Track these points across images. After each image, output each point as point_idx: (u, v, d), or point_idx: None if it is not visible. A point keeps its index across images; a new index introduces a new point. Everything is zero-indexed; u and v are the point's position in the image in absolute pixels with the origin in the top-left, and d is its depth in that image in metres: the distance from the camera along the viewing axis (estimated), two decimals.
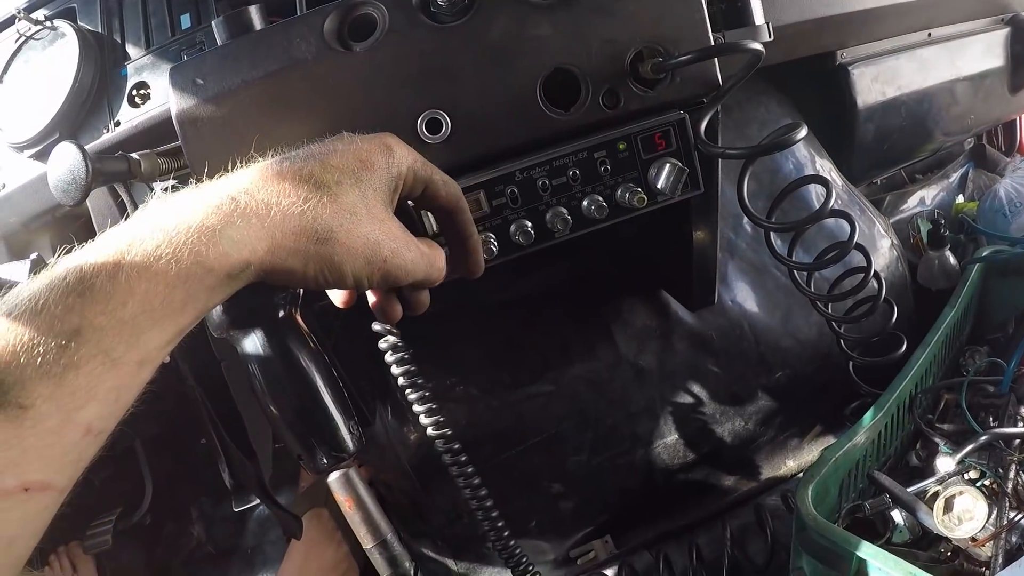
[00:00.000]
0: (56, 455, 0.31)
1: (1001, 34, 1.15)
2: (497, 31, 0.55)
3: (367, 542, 0.53)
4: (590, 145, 0.58)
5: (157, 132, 0.82)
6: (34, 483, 0.31)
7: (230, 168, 0.43)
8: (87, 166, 0.53)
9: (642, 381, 0.90)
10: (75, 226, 0.94)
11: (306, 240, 0.38)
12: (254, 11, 0.59)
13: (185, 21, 0.87)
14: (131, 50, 0.87)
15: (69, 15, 0.92)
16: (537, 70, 0.56)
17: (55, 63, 0.88)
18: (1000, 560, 0.61)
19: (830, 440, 0.97)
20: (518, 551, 0.63)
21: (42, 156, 0.85)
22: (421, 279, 0.45)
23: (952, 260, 1.07)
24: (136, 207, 0.49)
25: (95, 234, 0.85)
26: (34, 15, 0.91)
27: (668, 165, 0.59)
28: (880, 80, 1.01)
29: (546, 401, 0.88)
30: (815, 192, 0.96)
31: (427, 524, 0.90)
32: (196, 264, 0.34)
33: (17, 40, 0.92)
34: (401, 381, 0.60)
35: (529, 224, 0.57)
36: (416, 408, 0.61)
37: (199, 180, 0.54)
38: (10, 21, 0.94)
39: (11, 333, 0.30)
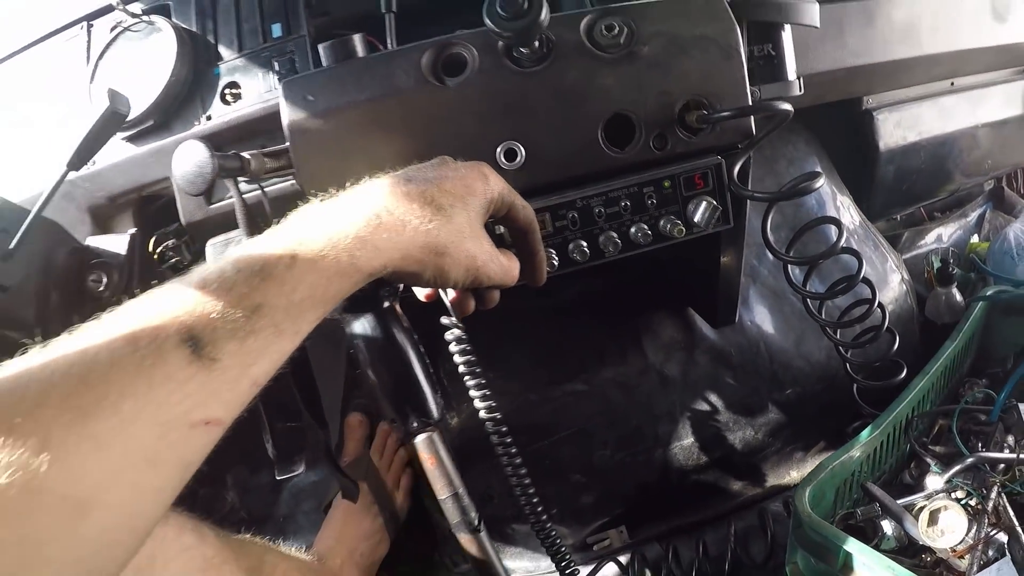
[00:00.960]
0: (230, 399, 0.42)
1: (1020, 84, 1.27)
2: (569, 78, 0.68)
3: (442, 493, 0.64)
4: (640, 181, 0.70)
5: (246, 129, 0.95)
6: (213, 419, 0.41)
7: (335, 178, 0.56)
8: (213, 162, 0.66)
9: (666, 387, 1.03)
10: (154, 207, 1.06)
11: (428, 252, 0.51)
12: (358, 39, 0.72)
13: (276, 30, 1.00)
14: (223, 51, 1.00)
15: (163, 11, 1.04)
16: (600, 114, 0.69)
17: (151, 55, 1.00)
18: (975, 570, 0.74)
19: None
20: (552, 531, 0.76)
21: (135, 140, 0.98)
22: (499, 283, 0.59)
23: (958, 297, 1.19)
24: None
25: (171, 216, 0.99)
26: (130, 7, 1.03)
27: (705, 203, 0.72)
28: (902, 125, 1.13)
29: (579, 399, 1.01)
30: (833, 228, 1.09)
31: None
32: (350, 265, 0.47)
33: (113, 29, 1.04)
34: (462, 369, 0.72)
35: (585, 244, 0.70)
36: (472, 393, 0.73)
37: (303, 184, 0.68)
38: (106, 10, 1.07)
39: (208, 302, 0.41)
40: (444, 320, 0.71)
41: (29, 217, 0.78)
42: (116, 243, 0.90)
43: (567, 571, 0.74)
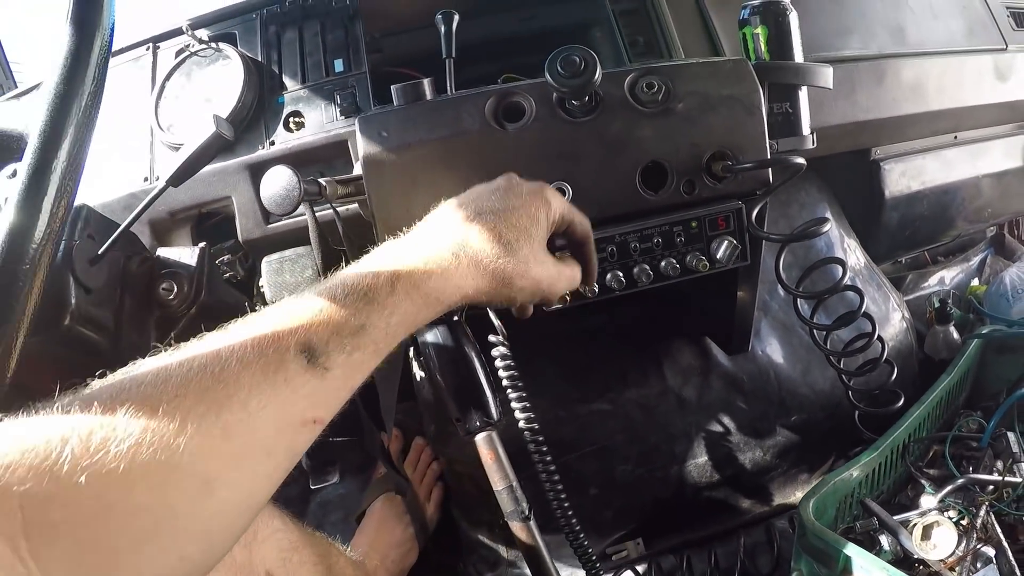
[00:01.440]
0: (333, 404, 0.50)
1: (1021, 139, 1.40)
2: (614, 129, 0.79)
3: (499, 485, 0.73)
4: (671, 221, 0.81)
5: (306, 155, 1.06)
6: (319, 419, 0.49)
7: (402, 206, 0.69)
8: (300, 188, 0.76)
9: (683, 409, 1.13)
10: (210, 223, 1.15)
11: (498, 284, 0.61)
12: (427, 84, 0.83)
13: (338, 65, 1.11)
14: (287, 81, 1.10)
15: (230, 39, 1.13)
16: (638, 161, 0.80)
17: (218, 81, 1.10)
18: None
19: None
20: (583, 538, 0.85)
21: None
22: (564, 292, 0.70)
23: (955, 335, 1.30)
24: None
25: (224, 232, 1.09)
26: (198, 32, 1.13)
27: (727, 242, 0.83)
28: (907, 175, 1.26)
29: (603, 417, 1.10)
30: (839, 268, 1.21)
31: (490, 513, 1.12)
32: (435, 298, 0.56)
33: (179, 53, 1.14)
34: (505, 383, 0.81)
35: (621, 275, 0.81)
36: (514, 405, 0.81)
37: (374, 208, 0.78)
38: (173, 33, 1.17)
39: (322, 319, 0.50)
40: (492, 338, 0.81)
41: (122, 227, 0.87)
42: (186, 255, 0.97)
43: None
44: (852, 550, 0.81)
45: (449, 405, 0.70)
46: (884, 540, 0.94)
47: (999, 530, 0.88)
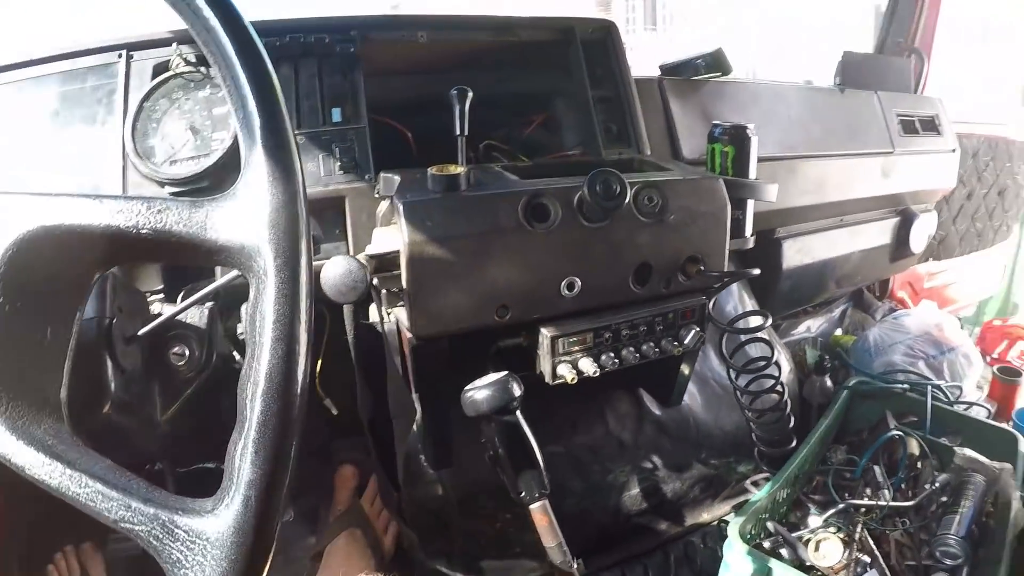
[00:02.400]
0: None
1: (892, 222, 1.78)
2: (620, 234, 0.97)
3: (551, 542, 0.90)
4: (653, 314, 1.02)
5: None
6: None
7: (441, 288, 0.83)
8: (367, 280, 0.87)
9: (622, 450, 1.35)
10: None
11: None
12: (462, 177, 0.92)
13: (336, 115, 1.09)
14: None
15: None
16: (634, 261, 0.99)
17: (208, 111, 1.03)
18: None
19: (734, 501, 1.51)
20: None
21: (182, 196, 0.94)
22: None
23: (829, 383, 1.67)
24: None
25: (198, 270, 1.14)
26: (184, 51, 1.04)
27: (694, 330, 1.07)
28: (801, 251, 1.58)
29: (557, 459, 1.30)
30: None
31: (449, 543, 1.28)
32: None
33: (158, 71, 1.04)
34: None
35: (613, 354, 1.02)
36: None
37: (410, 289, 0.90)
38: (153, 43, 1.07)
39: None
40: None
41: (175, 312, 0.89)
42: (193, 315, 0.95)
43: None
44: (774, 564, 1.10)
45: (513, 483, 0.87)
46: (784, 552, 1.24)
47: (871, 542, 1.22)
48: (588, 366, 0.99)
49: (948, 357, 1.74)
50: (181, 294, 1.02)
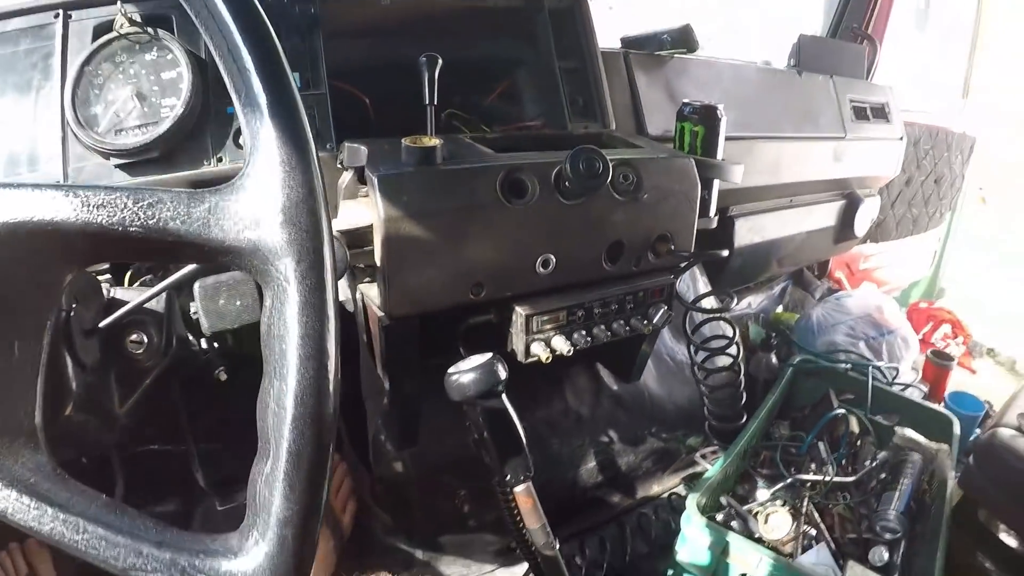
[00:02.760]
0: None
1: (838, 204, 1.86)
2: (595, 212, 0.98)
3: (535, 524, 0.90)
4: (623, 292, 1.04)
5: None
6: None
7: (417, 264, 0.82)
8: (347, 255, 0.83)
9: (580, 424, 1.38)
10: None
11: None
12: (439, 148, 0.90)
13: (295, 80, 1.10)
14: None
15: (165, 25, 0.98)
16: (607, 239, 1.00)
17: (156, 76, 0.96)
18: (799, 552, 1.24)
19: (684, 473, 1.56)
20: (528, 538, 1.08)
21: (131, 168, 0.95)
22: None
23: (775, 360, 1.75)
24: None
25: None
26: (128, 9, 0.95)
27: (662, 309, 1.10)
28: (752, 230, 1.63)
29: None
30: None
31: (410, 520, 1.29)
32: None
33: (99, 32, 0.96)
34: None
35: (585, 332, 1.03)
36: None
37: (386, 266, 0.88)
38: (90, 2, 0.98)
39: None
40: None
41: (142, 299, 0.80)
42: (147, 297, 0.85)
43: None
44: (731, 536, 1.15)
45: (497, 467, 0.88)
46: (735, 524, 1.30)
47: (816, 516, 1.30)
48: (561, 344, 1.00)
49: (887, 339, 1.85)
50: (129, 273, 0.97)
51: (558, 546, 0.94)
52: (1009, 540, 1.37)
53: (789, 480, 1.35)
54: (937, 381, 1.89)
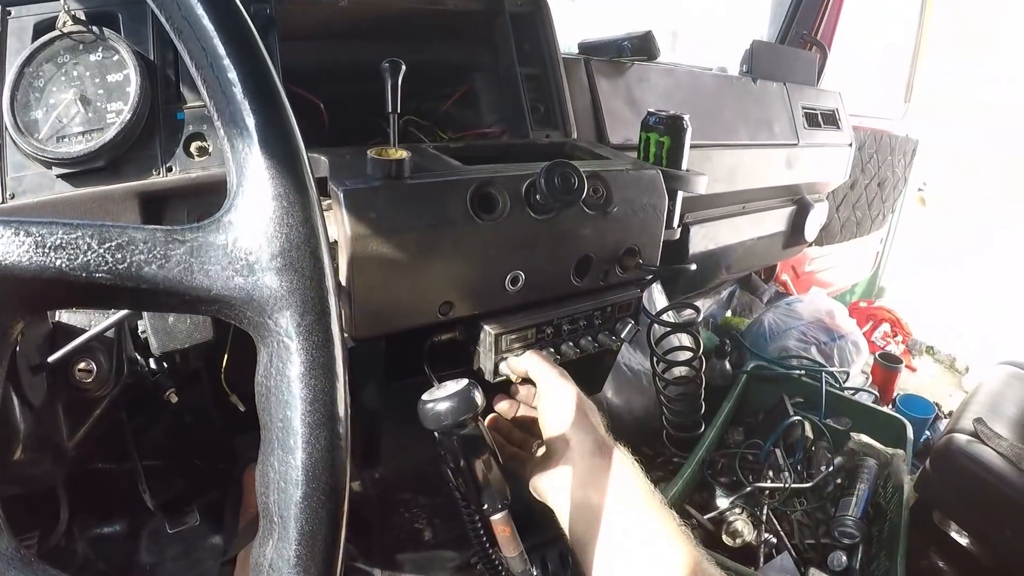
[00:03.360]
0: None
1: (788, 210, 1.92)
2: (564, 226, 0.97)
3: (512, 552, 0.89)
4: (591, 307, 1.04)
5: (211, 189, 0.95)
6: None
7: (384, 283, 0.83)
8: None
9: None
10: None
11: None
12: (407, 160, 0.88)
13: None
14: (187, 93, 0.95)
15: (110, 23, 0.93)
16: (575, 254, 1.00)
17: (100, 78, 0.91)
18: (761, 561, 1.29)
19: None
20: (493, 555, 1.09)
21: (73, 179, 0.90)
22: None
23: (728, 367, 1.81)
24: None
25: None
26: (72, 7, 0.90)
27: (630, 324, 1.12)
28: (707, 237, 1.67)
29: None
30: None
31: (368, 539, 1.27)
32: None
33: (39, 31, 0.91)
34: None
35: (553, 350, 1.04)
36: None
37: (354, 284, 0.86)
38: None
39: None
40: None
41: (97, 330, 0.76)
42: (99, 322, 0.82)
43: None
44: None
45: (473, 497, 0.87)
46: (697, 535, 1.35)
47: (776, 523, 1.35)
48: None
49: (838, 344, 1.93)
50: None
51: (536, 573, 0.94)
52: (963, 540, 1.46)
53: (748, 488, 1.40)
54: (886, 383, 1.99)
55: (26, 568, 0.38)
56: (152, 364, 0.94)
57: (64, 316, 0.84)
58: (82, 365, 0.80)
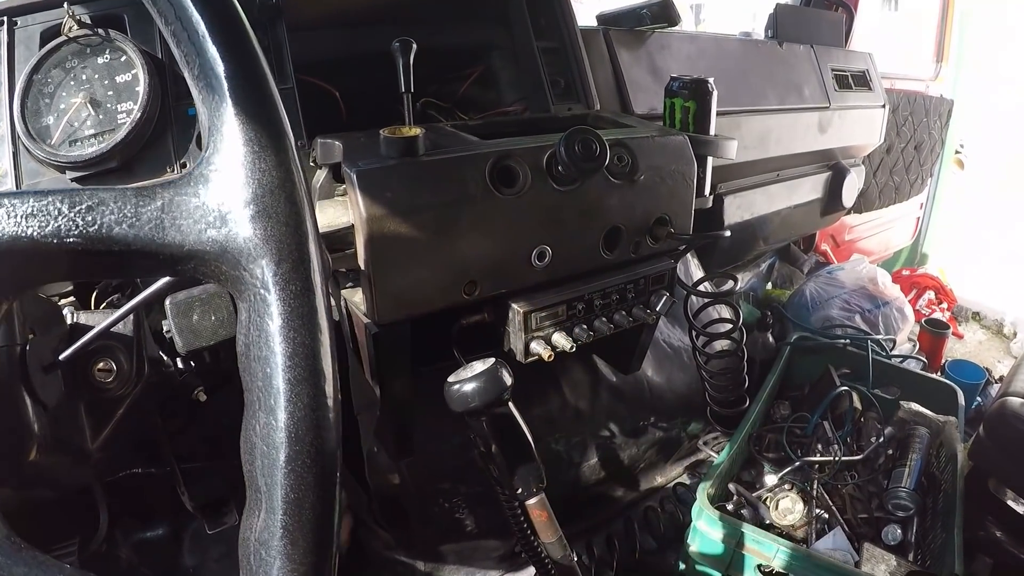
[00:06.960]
0: None
1: (824, 176, 1.82)
2: (590, 197, 0.92)
3: (551, 537, 0.85)
4: (623, 280, 0.98)
5: None
6: None
7: (403, 265, 0.75)
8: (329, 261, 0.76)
9: (579, 420, 1.32)
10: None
11: None
12: (421, 137, 0.82)
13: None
14: None
15: (117, 25, 0.92)
16: (604, 226, 0.95)
17: (110, 79, 0.90)
18: (813, 538, 1.20)
19: (687, 462, 1.53)
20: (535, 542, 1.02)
21: (86, 181, 0.88)
22: None
23: (771, 339, 1.71)
24: None
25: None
26: (77, 11, 0.89)
27: (665, 296, 1.04)
28: (741, 207, 1.58)
29: None
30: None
31: (409, 532, 1.23)
32: None
33: (47, 37, 0.90)
34: None
35: (586, 326, 0.98)
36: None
37: (371, 267, 0.81)
38: (37, 6, 0.92)
39: None
40: None
41: (106, 324, 0.73)
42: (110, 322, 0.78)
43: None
44: (745, 528, 1.11)
45: (508, 480, 0.81)
46: (745, 513, 1.26)
47: (827, 498, 1.26)
48: (563, 341, 0.94)
49: (883, 311, 1.82)
50: (95, 293, 0.90)
51: (576, 558, 0.88)
52: (1020, 508, 1.35)
53: (797, 463, 1.31)
54: (933, 351, 1.87)
55: (14, 556, 0.35)
56: (179, 364, 0.89)
57: (82, 317, 0.81)
58: (101, 365, 0.78)
